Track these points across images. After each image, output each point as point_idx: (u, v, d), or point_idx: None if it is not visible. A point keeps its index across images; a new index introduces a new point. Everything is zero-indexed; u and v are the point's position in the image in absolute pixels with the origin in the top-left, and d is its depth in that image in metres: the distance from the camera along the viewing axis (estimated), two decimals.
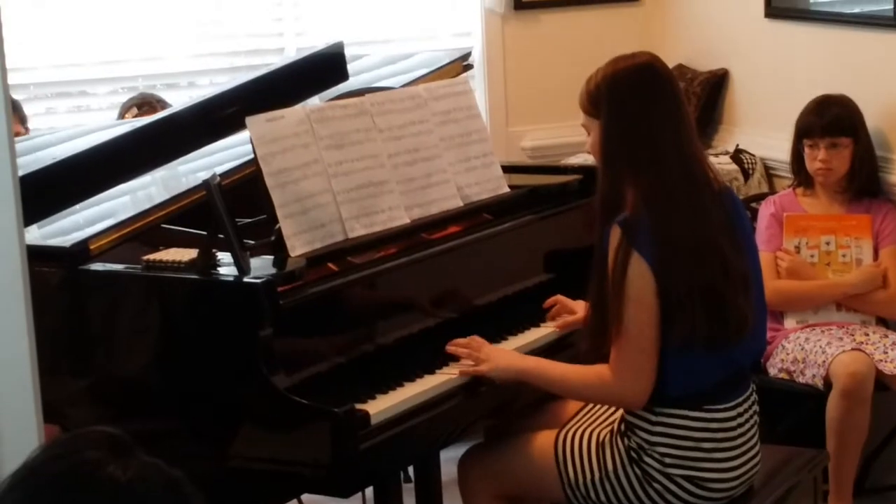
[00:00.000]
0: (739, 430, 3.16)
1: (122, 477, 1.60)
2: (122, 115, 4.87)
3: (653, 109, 3.10)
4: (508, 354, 3.27)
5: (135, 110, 4.83)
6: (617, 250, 3.03)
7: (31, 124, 4.86)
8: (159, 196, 3.39)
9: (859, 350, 4.14)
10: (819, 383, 4.15)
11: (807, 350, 4.25)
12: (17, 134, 4.65)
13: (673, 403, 3.10)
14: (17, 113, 4.80)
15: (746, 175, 5.01)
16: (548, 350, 3.42)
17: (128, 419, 3.04)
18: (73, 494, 1.59)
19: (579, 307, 3.45)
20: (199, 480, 1.75)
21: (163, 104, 4.84)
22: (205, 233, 3.06)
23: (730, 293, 3.06)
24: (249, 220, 3.23)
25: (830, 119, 4.43)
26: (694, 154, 3.14)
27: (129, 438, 1.66)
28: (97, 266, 3.12)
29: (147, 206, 3.32)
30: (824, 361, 4.14)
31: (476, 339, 3.26)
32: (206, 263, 3.01)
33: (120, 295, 3.11)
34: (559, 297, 3.56)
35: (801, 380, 4.24)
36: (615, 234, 3.03)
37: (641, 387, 3.07)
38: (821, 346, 4.20)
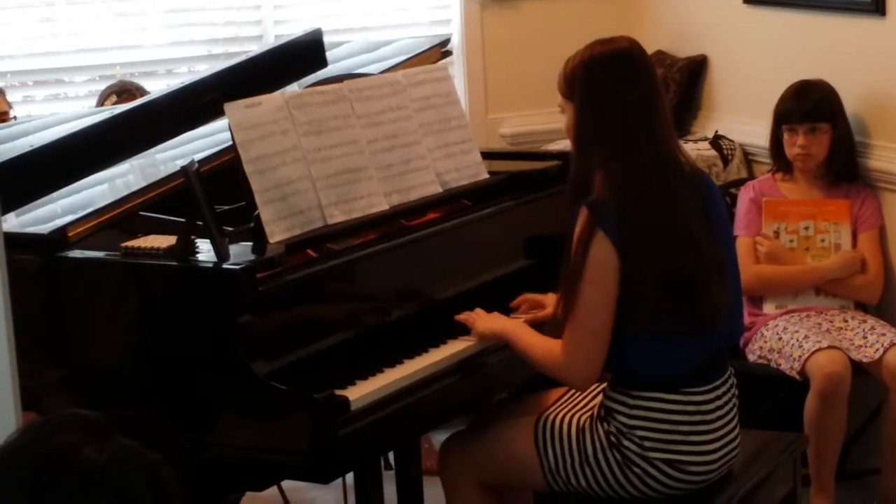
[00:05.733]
0: (718, 413, 3.16)
1: (99, 459, 1.60)
2: (101, 103, 4.86)
3: (626, 94, 3.10)
4: (496, 315, 3.32)
5: (114, 98, 4.81)
6: (582, 229, 3.03)
7: None
8: (137, 184, 3.38)
9: (835, 347, 4.14)
10: (795, 375, 4.17)
11: (784, 341, 4.25)
12: (5, 114, 4.64)
13: (650, 387, 3.11)
14: (1, 95, 4.78)
15: (725, 161, 5.02)
16: None
17: (107, 406, 3.02)
18: (50, 477, 1.59)
19: (549, 300, 3.44)
20: (179, 467, 1.75)
21: (142, 92, 4.82)
22: (183, 220, 3.05)
23: (702, 279, 3.06)
24: (228, 206, 3.22)
25: (809, 104, 4.44)
26: (666, 139, 3.14)
27: (105, 421, 1.66)
28: (75, 253, 3.11)
29: (125, 193, 3.31)
30: (800, 356, 4.15)
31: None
32: (185, 250, 3.00)
33: (98, 282, 3.10)
34: (527, 295, 3.55)
35: (777, 368, 4.25)
36: (582, 215, 3.04)
37: (587, 369, 3.08)
38: (797, 340, 4.21)
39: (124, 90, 4.87)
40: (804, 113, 4.44)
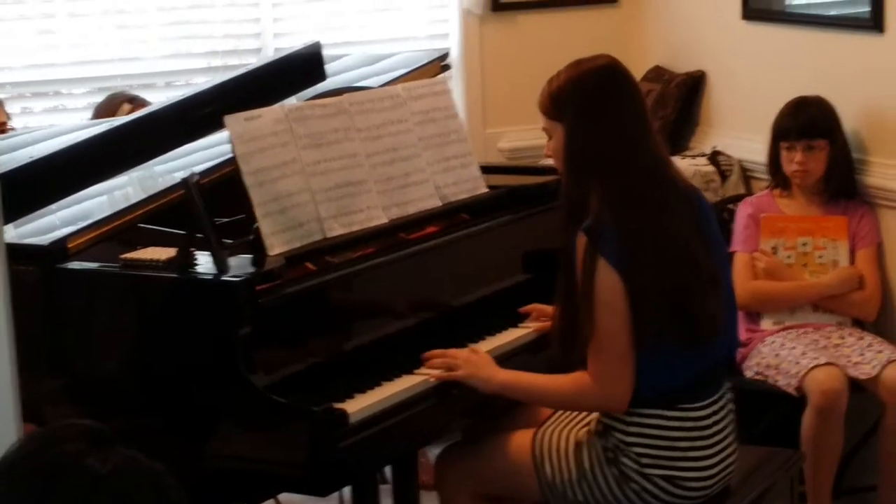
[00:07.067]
0: (715, 429, 3.17)
1: (102, 469, 1.60)
2: (110, 113, 4.77)
3: (619, 110, 3.11)
4: (488, 366, 3.23)
5: (127, 106, 4.76)
6: (584, 258, 3.03)
7: None
8: (136, 196, 3.38)
9: (832, 364, 4.15)
10: (792, 392, 4.17)
11: (781, 357, 4.25)
12: (3, 124, 4.63)
13: (647, 403, 3.11)
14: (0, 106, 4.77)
15: (724, 177, 5.02)
16: (526, 350, 3.43)
17: (106, 417, 2.97)
18: (54, 487, 1.59)
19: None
20: (177, 479, 1.74)
21: (140, 102, 4.79)
22: (183, 232, 3.05)
23: (700, 294, 3.07)
24: (228, 219, 3.23)
25: (807, 121, 4.45)
26: (659, 154, 3.15)
27: (107, 431, 1.66)
28: (75, 265, 3.12)
29: (124, 205, 3.31)
30: (798, 373, 4.15)
31: (449, 350, 3.24)
32: (185, 262, 3.01)
33: (98, 293, 3.10)
34: (535, 305, 3.55)
35: (774, 384, 4.26)
36: (581, 242, 3.03)
37: (622, 391, 3.07)
38: (795, 356, 4.21)
39: (131, 98, 4.82)
40: (801, 130, 4.45)
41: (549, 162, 4.86)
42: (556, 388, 3.17)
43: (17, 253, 2.97)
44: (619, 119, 3.10)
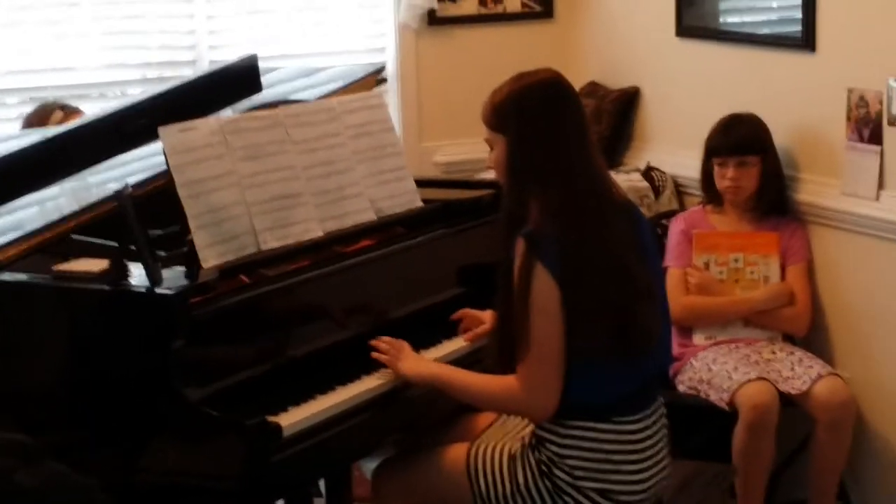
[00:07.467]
0: (648, 443, 3.18)
1: (32, 483, 1.59)
2: (42, 121, 4.73)
3: (560, 123, 3.13)
4: (423, 360, 3.31)
5: (59, 113, 4.71)
6: (521, 262, 3.04)
7: None
8: (69, 207, 3.35)
9: (763, 379, 4.18)
10: (724, 406, 4.20)
11: (713, 371, 4.29)
12: None
13: (581, 416, 3.12)
14: None
15: (657, 192, 5.06)
16: (461, 363, 3.43)
17: (38, 432, 2.97)
18: None
19: (488, 317, 3.47)
20: (110, 493, 1.74)
21: (72, 110, 4.75)
22: (116, 244, 3.04)
23: (636, 307, 3.09)
24: (162, 231, 3.21)
25: (739, 138, 4.49)
26: (597, 167, 3.17)
27: (37, 446, 1.65)
28: (5, 276, 3.09)
29: (57, 216, 3.29)
30: (729, 387, 4.18)
31: (400, 342, 3.30)
32: (118, 274, 2.99)
33: (29, 305, 3.08)
34: (466, 310, 3.57)
35: (706, 398, 4.28)
36: (519, 247, 3.05)
37: (547, 399, 3.09)
38: (727, 371, 4.24)
39: (63, 106, 4.78)
40: (733, 146, 4.49)
41: (487, 175, 4.90)
42: (486, 388, 3.18)
43: None
44: (561, 132, 3.12)
